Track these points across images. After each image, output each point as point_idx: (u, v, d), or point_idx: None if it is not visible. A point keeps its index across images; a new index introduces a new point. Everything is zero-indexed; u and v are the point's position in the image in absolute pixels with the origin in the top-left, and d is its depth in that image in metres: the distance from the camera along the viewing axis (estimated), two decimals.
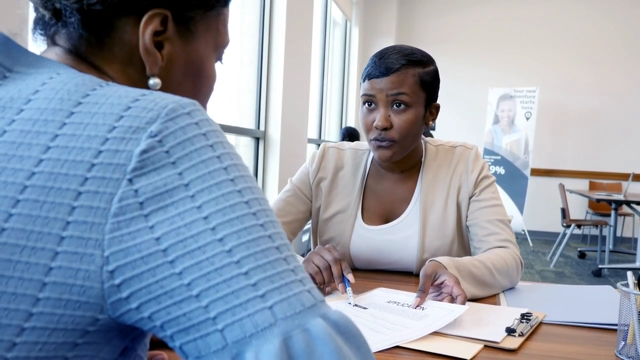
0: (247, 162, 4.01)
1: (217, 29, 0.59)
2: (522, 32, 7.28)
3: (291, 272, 0.42)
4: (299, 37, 4.33)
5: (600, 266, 5.19)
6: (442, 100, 1.36)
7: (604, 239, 5.51)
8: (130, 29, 0.52)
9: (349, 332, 0.42)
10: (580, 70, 7.15)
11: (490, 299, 1.14)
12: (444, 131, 7.15)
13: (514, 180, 6.73)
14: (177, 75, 0.56)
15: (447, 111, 6.86)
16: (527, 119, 6.74)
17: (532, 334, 0.93)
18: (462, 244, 1.35)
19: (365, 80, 1.26)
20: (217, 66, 0.62)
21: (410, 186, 1.36)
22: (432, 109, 1.31)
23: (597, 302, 1.13)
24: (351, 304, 1.03)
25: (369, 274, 1.32)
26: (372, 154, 1.40)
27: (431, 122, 1.32)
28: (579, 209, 7.04)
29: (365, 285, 1.18)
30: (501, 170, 6.85)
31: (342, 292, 1.08)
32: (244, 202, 0.43)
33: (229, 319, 0.39)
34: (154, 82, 0.54)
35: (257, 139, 4.04)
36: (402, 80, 1.22)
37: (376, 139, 1.26)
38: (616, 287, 0.96)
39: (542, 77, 7.18)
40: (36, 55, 0.50)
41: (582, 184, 7.20)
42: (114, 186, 0.41)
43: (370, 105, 1.26)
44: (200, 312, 0.40)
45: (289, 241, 0.45)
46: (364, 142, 1.43)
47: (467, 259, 1.16)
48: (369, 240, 1.34)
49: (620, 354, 0.84)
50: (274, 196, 1.78)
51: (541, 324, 0.99)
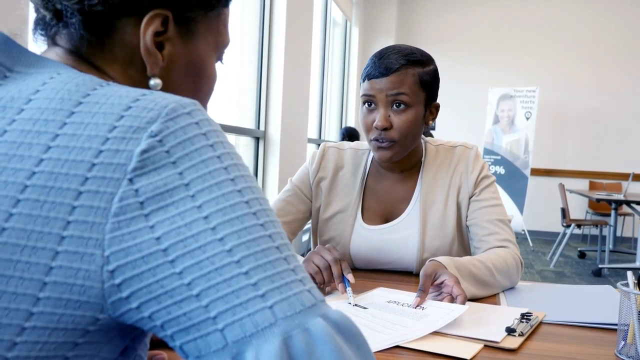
0: (247, 162, 4.02)
1: (218, 29, 0.59)
2: (522, 32, 7.28)
3: (291, 271, 0.42)
4: (299, 37, 4.33)
5: (600, 266, 5.19)
6: (442, 100, 1.36)
7: (604, 238, 5.51)
8: (131, 30, 0.52)
9: (349, 332, 0.42)
10: (580, 70, 7.16)
11: (490, 299, 1.14)
12: (444, 131, 7.15)
13: (514, 180, 6.73)
14: (177, 75, 0.56)
15: (447, 111, 6.86)
16: (527, 119, 6.74)
17: (532, 333, 0.93)
18: (462, 244, 1.35)
19: (364, 80, 1.26)
20: (218, 66, 0.62)
21: (410, 186, 1.36)
22: (432, 109, 1.31)
23: (597, 302, 1.13)
24: (351, 303, 1.03)
25: (369, 273, 1.32)
26: (372, 153, 1.40)
27: (431, 121, 1.32)
28: (579, 209, 7.05)
29: (365, 285, 1.18)
30: (501, 170, 6.85)
31: (342, 292, 1.08)
32: (244, 202, 0.43)
33: (229, 318, 0.39)
34: (154, 82, 0.54)
35: (257, 139, 4.04)
36: (402, 80, 1.22)
37: (376, 140, 1.25)
38: (616, 287, 0.96)
39: (542, 77, 7.18)
40: (37, 55, 0.50)
41: (582, 184, 7.20)
42: (114, 186, 0.41)
43: (370, 105, 1.26)
44: (200, 312, 0.40)
45: (289, 241, 0.45)
46: (364, 142, 1.43)
47: (467, 258, 1.16)
48: (369, 240, 1.34)
49: (620, 354, 0.84)
50: (274, 196, 1.78)
51: (541, 323, 0.99)
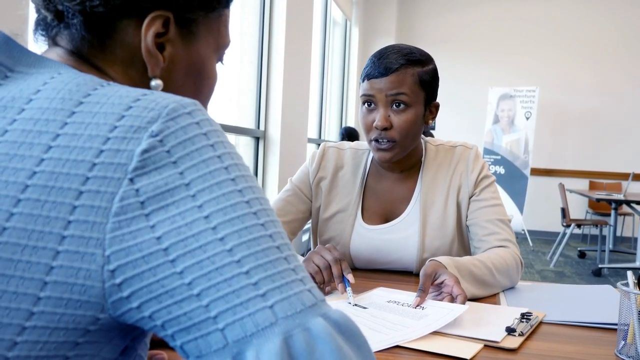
0: (247, 161, 4.01)
1: (219, 30, 0.59)
2: (522, 32, 7.28)
3: (292, 271, 0.42)
4: (299, 37, 4.33)
5: (600, 266, 5.19)
6: (442, 100, 1.36)
7: (604, 238, 5.51)
8: (132, 31, 0.52)
9: (349, 332, 0.42)
10: (580, 70, 7.16)
11: (490, 299, 1.14)
12: (444, 131, 7.15)
13: (513, 179, 6.73)
14: (178, 76, 0.56)
15: (447, 111, 6.86)
16: (527, 119, 6.74)
17: (532, 333, 0.94)
18: (462, 244, 1.35)
19: (364, 80, 1.26)
20: (218, 66, 0.62)
21: (410, 186, 1.36)
22: (431, 108, 1.31)
23: (597, 302, 1.13)
24: (351, 303, 1.03)
25: (369, 273, 1.32)
26: (372, 153, 1.40)
27: (431, 121, 1.32)
28: (578, 209, 7.05)
29: (365, 284, 1.18)
30: (501, 170, 6.85)
31: (341, 292, 1.08)
32: (245, 202, 0.43)
33: (229, 318, 0.39)
34: (155, 83, 0.54)
35: (257, 139, 4.05)
36: (402, 80, 1.22)
37: (376, 140, 1.26)
38: (616, 287, 0.96)
39: (542, 77, 7.18)
40: (37, 55, 0.51)
41: (582, 184, 7.20)
42: (115, 185, 0.41)
43: (369, 105, 1.26)
44: (201, 311, 0.40)
45: (289, 240, 0.45)
46: (363, 142, 1.43)
47: (467, 258, 1.16)
48: (369, 239, 1.34)
49: (620, 354, 0.84)
50: (274, 196, 1.78)
51: (541, 323, 0.99)
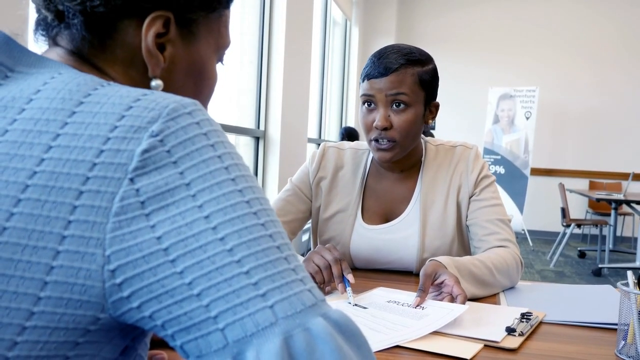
0: (247, 161, 4.01)
1: (219, 30, 0.59)
2: (522, 32, 7.28)
3: (292, 271, 0.42)
4: (299, 37, 4.33)
5: (600, 266, 5.19)
6: (442, 100, 1.36)
7: (603, 238, 5.51)
8: (132, 31, 0.52)
9: (349, 332, 0.42)
10: (580, 70, 7.16)
11: (490, 299, 1.14)
12: (444, 131, 7.15)
13: (513, 179, 6.74)
14: (179, 76, 0.56)
15: (447, 111, 6.86)
16: (527, 119, 6.74)
17: (532, 333, 0.94)
18: (462, 244, 1.35)
19: (364, 80, 1.26)
20: (218, 67, 0.62)
21: (410, 185, 1.36)
22: (431, 108, 1.31)
23: (597, 302, 1.13)
24: (351, 303, 1.03)
25: (369, 273, 1.32)
26: (372, 153, 1.40)
27: (431, 120, 1.32)
28: (578, 209, 7.05)
29: (365, 284, 1.18)
30: (501, 169, 6.85)
31: (341, 292, 1.08)
32: (245, 202, 0.43)
33: (230, 318, 0.39)
34: (156, 83, 0.54)
35: (257, 139, 4.05)
36: (401, 80, 1.22)
37: (376, 140, 1.26)
38: (616, 287, 0.96)
39: (542, 77, 7.18)
40: (38, 55, 0.50)
41: (582, 184, 7.20)
42: (115, 185, 0.41)
43: (369, 105, 1.26)
44: (201, 311, 0.40)
45: (289, 240, 0.45)
46: (363, 142, 1.43)
47: (467, 258, 1.16)
48: (368, 239, 1.34)
49: (620, 354, 0.84)
50: (274, 196, 1.78)
51: (541, 323, 0.99)
